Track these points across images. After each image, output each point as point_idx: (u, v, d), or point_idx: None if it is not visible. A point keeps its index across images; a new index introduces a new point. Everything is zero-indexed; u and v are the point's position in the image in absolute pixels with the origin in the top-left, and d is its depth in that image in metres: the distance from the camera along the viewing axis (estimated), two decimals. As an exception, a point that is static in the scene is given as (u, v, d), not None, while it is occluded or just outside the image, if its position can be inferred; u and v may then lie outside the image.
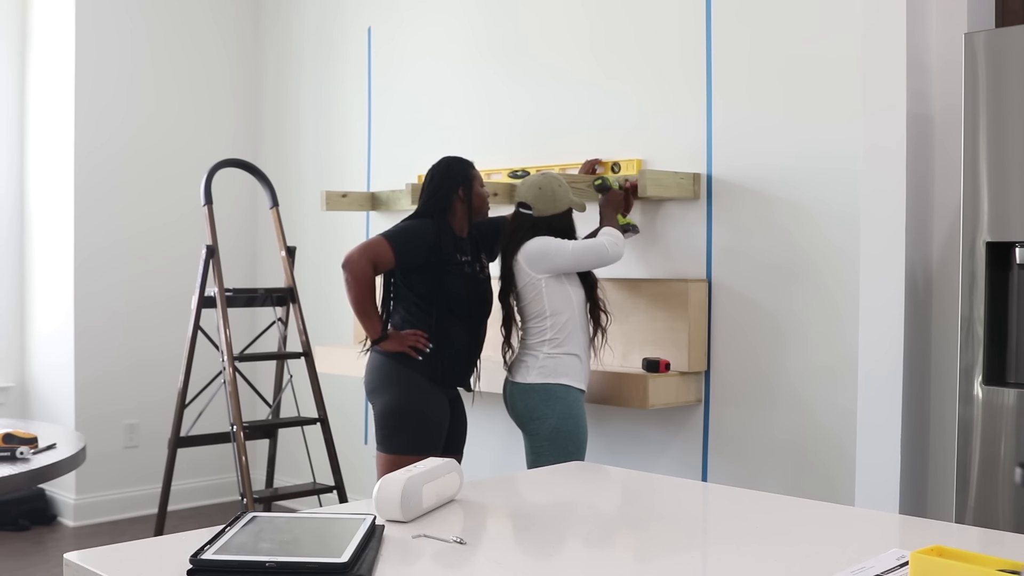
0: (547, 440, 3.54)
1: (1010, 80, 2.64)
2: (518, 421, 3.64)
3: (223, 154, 5.45)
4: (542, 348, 3.58)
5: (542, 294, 3.58)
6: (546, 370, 3.56)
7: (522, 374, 3.61)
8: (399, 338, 3.57)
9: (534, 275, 3.57)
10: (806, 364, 3.67)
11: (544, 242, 3.58)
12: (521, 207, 3.67)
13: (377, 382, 3.62)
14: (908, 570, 1.39)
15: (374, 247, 3.56)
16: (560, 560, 1.66)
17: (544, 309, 3.58)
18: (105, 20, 5.49)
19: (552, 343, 3.57)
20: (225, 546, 1.48)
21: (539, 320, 3.59)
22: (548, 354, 3.57)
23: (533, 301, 3.60)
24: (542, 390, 3.55)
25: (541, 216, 3.63)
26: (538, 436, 3.56)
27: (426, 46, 5.05)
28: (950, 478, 2.87)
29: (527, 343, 3.63)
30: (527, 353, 3.62)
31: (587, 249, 3.58)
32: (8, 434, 3.06)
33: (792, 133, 3.70)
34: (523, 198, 3.67)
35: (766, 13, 3.77)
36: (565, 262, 3.57)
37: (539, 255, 3.57)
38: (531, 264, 3.58)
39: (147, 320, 5.61)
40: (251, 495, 4.18)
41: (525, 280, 3.60)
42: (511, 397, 3.64)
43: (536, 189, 3.64)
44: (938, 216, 3.23)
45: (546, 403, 3.54)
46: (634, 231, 3.91)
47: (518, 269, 3.62)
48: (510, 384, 3.65)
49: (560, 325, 3.57)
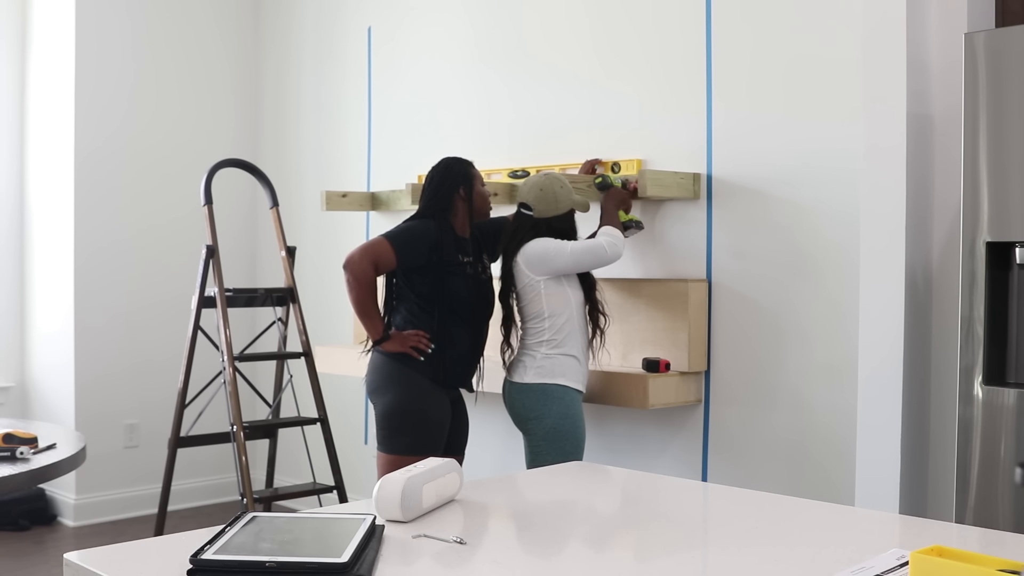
0: (544, 440, 3.55)
1: (1010, 80, 2.64)
2: (517, 421, 3.65)
3: (223, 154, 5.45)
4: (540, 348, 3.59)
5: (541, 295, 3.59)
6: (543, 370, 3.58)
7: (520, 374, 3.62)
8: (401, 338, 3.57)
9: (533, 277, 3.58)
10: (806, 364, 3.67)
11: (543, 244, 3.58)
12: (522, 208, 3.67)
13: (378, 382, 3.62)
14: (908, 570, 1.39)
15: (375, 248, 3.56)
16: (560, 560, 1.66)
17: (543, 310, 3.58)
18: (105, 20, 5.49)
19: (550, 344, 3.58)
20: (225, 546, 1.48)
21: (537, 321, 3.60)
22: (546, 354, 3.58)
23: (532, 302, 3.61)
24: (539, 390, 3.56)
25: (542, 217, 3.63)
26: (536, 436, 3.57)
27: (426, 46, 5.05)
28: (950, 478, 2.87)
29: (526, 343, 3.65)
30: (525, 353, 3.63)
31: (585, 250, 3.58)
32: (8, 434, 3.05)
33: (792, 133, 3.70)
34: (524, 199, 3.67)
35: (766, 13, 3.77)
36: (564, 264, 3.57)
37: (538, 257, 3.57)
38: (530, 266, 3.58)
39: (147, 320, 5.61)
40: (251, 495, 4.18)
41: (524, 281, 3.61)
42: (510, 397, 3.66)
43: (537, 190, 3.64)
44: (938, 216, 3.23)
45: (544, 403, 3.56)
46: (638, 227, 3.89)
47: (518, 270, 3.63)
48: (508, 384, 3.67)
49: (558, 326, 3.58)
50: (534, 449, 3.58)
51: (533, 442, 3.58)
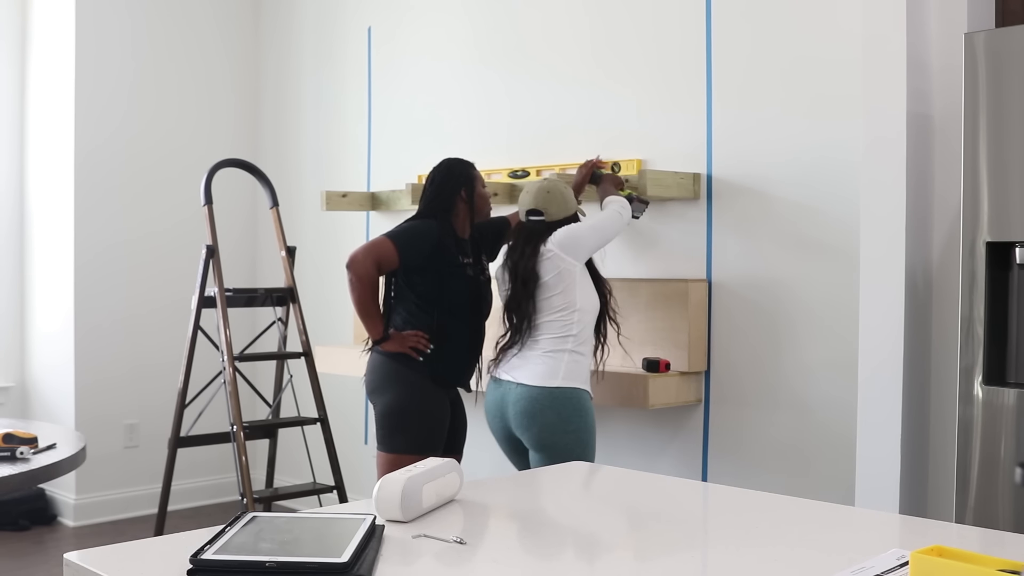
0: (570, 454, 3.28)
1: (1010, 80, 2.64)
2: (535, 429, 3.41)
3: (223, 154, 5.45)
4: (565, 345, 3.43)
5: (575, 284, 3.46)
6: (573, 374, 3.43)
7: (540, 376, 3.43)
8: (400, 338, 3.57)
9: (571, 262, 3.47)
10: (806, 364, 3.67)
11: (567, 229, 3.53)
12: (531, 215, 3.57)
13: (378, 382, 3.62)
14: (908, 570, 1.39)
15: (378, 247, 3.56)
16: (560, 560, 1.66)
17: (574, 300, 3.46)
18: (105, 20, 5.49)
19: (577, 340, 3.45)
20: (225, 546, 1.48)
21: (566, 313, 3.44)
22: (572, 354, 3.43)
23: (564, 292, 3.45)
24: (573, 397, 3.40)
25: (554, 220, 3.55)
26: (557, 450, 3.34)
27: (426, 46, 5.05)
28: (950, 478, 2.87)
29: (542, 340, 3.46)
30: (545, 353, 3.44)
31: (602, 221, 3.55)
32: (8, 434, 3.05)
33: (792, 133, 3.70)
34: (532, 205, 3.57)
35: (766, 13, 3.77)
36: (591, 239, 3.51)
37: (571, 241, 3.49)
38: (567, 250, 3.47)
39: (147, 320, 5.61)
40: (251, 495, 4.18)
41: (560, 267, 3.46)
42: (526, 401, 3.44)
43: (545, 193, 3.57)
44: (938, 216, 3.22)
45: (577, 413, 3.39)
46: (641, 202, 3.78)
47: (549, 262, 3.47)
48: (518, 387, 3.47)
49: (586, 323, 3.49)
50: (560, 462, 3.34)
51: (553, 456, 3.30)
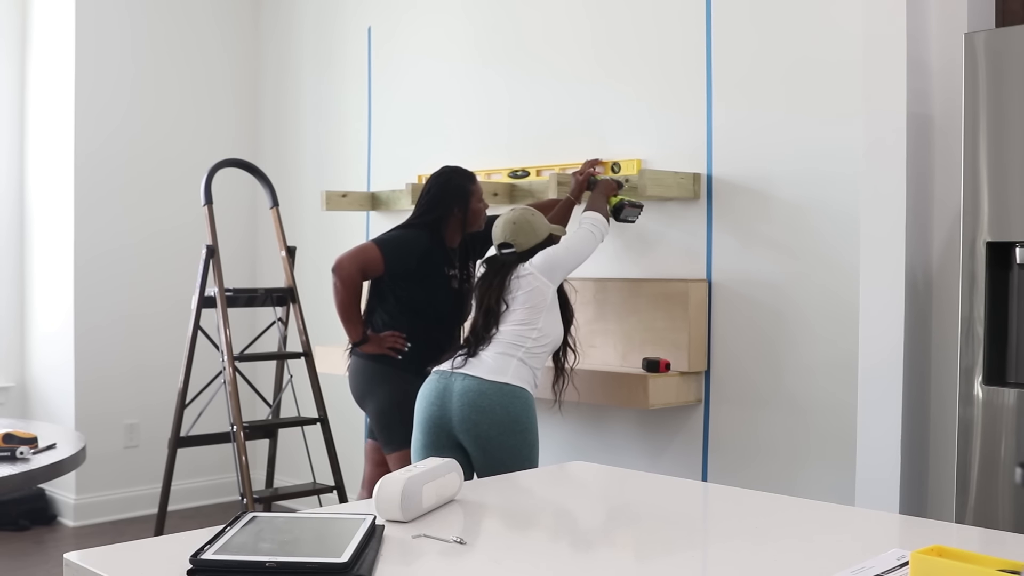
0: (524, 458, 3.30)
1: (1010, 80, 2.64)
2: (485, 425, 3.30)
3: (223, 154, 5.45)
4: (516, 352, 3.36)
5: (544, 305, 3.39)
6: (520, 375, 3.35)
7: (491, 370, 3.33)
8: (378, 340, 3.70)
9: (545, 281, 3.41)
10: (806, 364, 3.67)
11: (543, 254, 3.46)
12: (502, 248, 3.49)
13: (363, 385, 3.74)
14: (908, 570, 1.39)
15: (365, 253, 3.66)
16: (560, 560, 1.66)
17: (536, 319, 3.38)
18: (105, 20, 5.49)
19: (528, 352, 3.36)
20: (225, 546, 1.48)
21: (526, 328, 3.38)
22: (521, 358, 3.36)
23: (530, 309, 3.38)
24: (521, 395, 3.33)
25: (524, 249, 3.47)
26: (508, 450, 3.29)
27: (426, 46, 5.05)
28: (950, 478, 2.87)
29: (499, 340, 3.38)
30: (501, 351, 3.36)
31: (576, 243, 3.50)
32: (8, 434, 3.06)
33: (792, 133, 3.70)
34: (501, 239, 3.49)
35: (766, 13, 3.77)
36: (566, 260, 3.47)
37: (549, 264, 3.43)
38: (545, 272, 3.42)
39: (147, 320, 5.61)
40: (251, 495, 4.18)
41: (530, 286, 3.40)
42: (470, 393, 3.32)
43: (511, 225, 3.48)
44: (938, 216, 3.22)
45: (526, 413, 3.33)
46: (633, 207, 3.77)
47: (522, 279, 3.41)
48: (469, 380, 3.33)
49: (541, 344, 3.39)
50: (497, 463, 3.25)
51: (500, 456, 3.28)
